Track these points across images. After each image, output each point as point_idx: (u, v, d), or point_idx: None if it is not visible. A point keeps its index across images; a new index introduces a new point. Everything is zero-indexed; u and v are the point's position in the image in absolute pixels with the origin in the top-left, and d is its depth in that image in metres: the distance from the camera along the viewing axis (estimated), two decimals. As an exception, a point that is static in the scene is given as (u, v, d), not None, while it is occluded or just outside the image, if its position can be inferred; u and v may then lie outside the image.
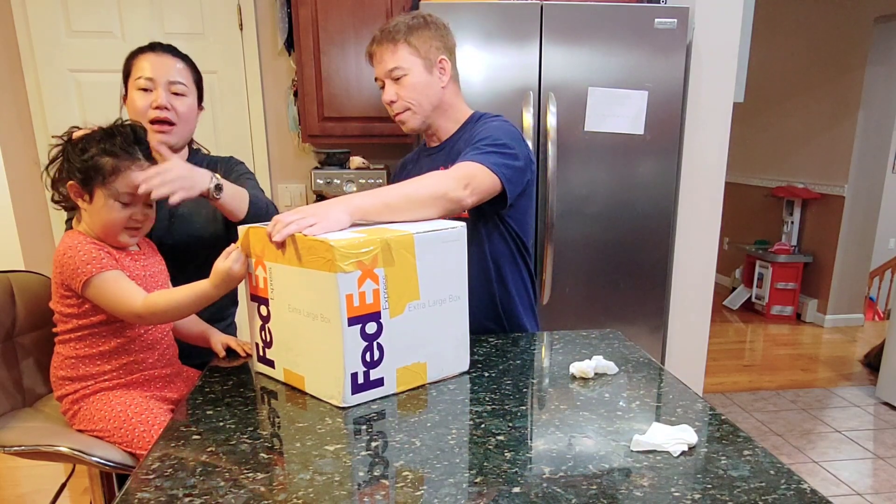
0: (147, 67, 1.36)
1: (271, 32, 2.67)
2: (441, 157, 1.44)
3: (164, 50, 1.40)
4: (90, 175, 1.14)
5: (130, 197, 1.17)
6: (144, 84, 1.36)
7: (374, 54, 1.39)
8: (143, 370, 1.26)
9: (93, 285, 1.14)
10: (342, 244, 0.95)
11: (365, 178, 2.40)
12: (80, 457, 1.17)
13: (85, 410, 1.22)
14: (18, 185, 2.61)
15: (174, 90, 1.38)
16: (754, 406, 3.10)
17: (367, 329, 1.00)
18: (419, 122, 1.42)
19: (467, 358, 1.17)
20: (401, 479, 0.79)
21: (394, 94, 1.38)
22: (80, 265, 1.14)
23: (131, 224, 1.19)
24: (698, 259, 2.47)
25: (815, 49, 4.43)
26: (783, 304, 4.56)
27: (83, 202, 1.18)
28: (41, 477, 2.41)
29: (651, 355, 1.26)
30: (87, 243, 1.17)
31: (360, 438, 0.91)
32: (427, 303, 1.07)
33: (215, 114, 2.70)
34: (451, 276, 1.10)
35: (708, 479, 0.78)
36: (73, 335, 1.22)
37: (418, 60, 1.36)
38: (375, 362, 1.02)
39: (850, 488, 2.36)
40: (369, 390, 1.03)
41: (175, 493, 0.77)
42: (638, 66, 2.16)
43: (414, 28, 1.35)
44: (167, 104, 1.36)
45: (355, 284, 0.97)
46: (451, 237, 1.09)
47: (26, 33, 2.48)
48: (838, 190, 4.24)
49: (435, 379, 1.12)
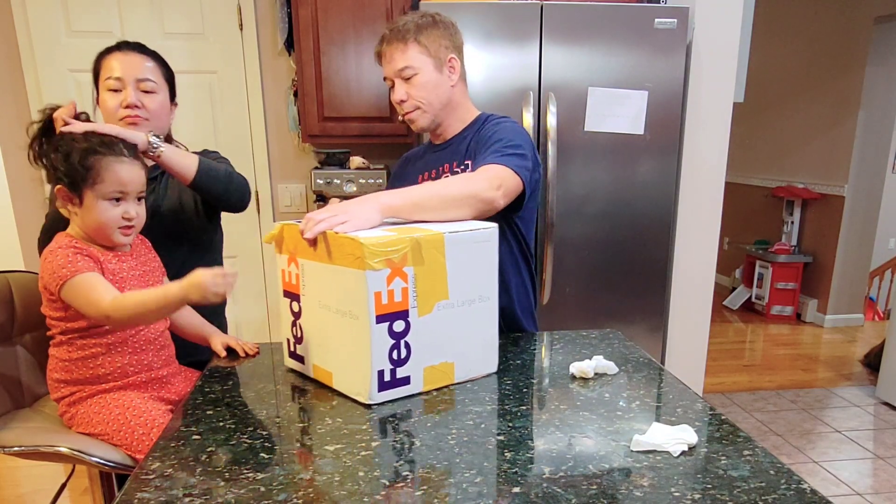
0: (115, 67, 1.35)
1: (271, 32, 2.67)
2: (447, 155, 1.45)
3: (131, 48, 1.39)
4: (77, 178, 1.14)
5: (120, 194, 1.17)
6: (114, 84, 1.35)
7: (384, 54, 1.38)
8: (139, 372, 1.26)
9: (66, 288, 1.13)
10: (372, 242, 0.95)
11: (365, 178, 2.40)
12: (80, 457, 1.17)
13: (83, 413, 1.22)
14: (18, 185, 2.60)
15: (143, 88, 1.37)
16: (754, 406, 3.10)
17: (394, 327, 1.01)
18: (429, 121, 1.42)
19: (496, 359, 1.17)
20: (400, 479, 0.79)
21: (404, 94, 1.38)
22: (56, 269, 1.13)
23: (123, 223, 1.19)
24: (698, 259, 2.47)
25: (815, 49, 4.43)
26: (783, 304, 4.56)
27: (73, 206, 1.18)
28: (41, 477, 2.41)
29: (651, 355, 1.26)
30: (68, 247, 1.16)
31: (361, 439, 0.91)
32: (456, 303, 1.07)
33: (215, 114, 2.70)
34: (481, 277, 1.10)
35: (708, 479, 0.78)
36: (63, 338, 1.22)
37: (428, 60, 1.36)
38: (402, 360, 1.03)
39: (850, 488, 2.36)
40: (396, 388, 1.04)
41: (175, 493, 0.77)
42: (638, 66, 2.16)
43: (423, 27, 1.35)
44: (137, 102, 1.35)
45: (384, 282, 0.98)
46: (483, 238, 1.09)
47: (26, 33, 2.48)
48: (838, 190, 4.24)
49: (462, 379, 1.12)
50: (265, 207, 2.82)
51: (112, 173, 1.15)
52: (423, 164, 1.51)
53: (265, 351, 1.33)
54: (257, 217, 2.83)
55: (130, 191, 1.18)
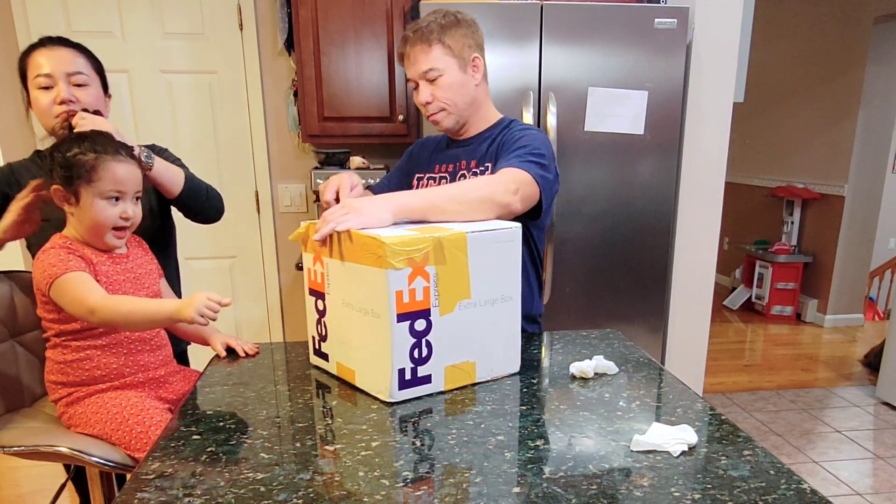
0: (43, 63, 1.31)
1: (271, 32, 2.67)
2: (466, 152, 1.44)
3: (55, 43, 1.34)
4: (73, 174, 1.14)
5: (118, 193, 1.17)
6: (44, 81, 1.31)
7: (409, 55, 1.37)
8: (136, 372, 1.26)
9: (55, 286, 1.13)
10: (394, 241, 0.96)
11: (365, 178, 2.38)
12: (80, 457, 1.17)
13: (80, 414, 1.22)
14: (18, 185, 2.61)
15: (75, 81, 1.33)
16: (754, 406, 3.10)
17: (416, 326, 1.01)
18: (454, 121, 1.42)
19: (518, 359, 1.17)
20: (400, 479, 0.79)
21: (429, 95, 1.37)
22: (46, 268, 1.14)
23: (120, 223, 1.19)
24: (698, 259, 2.47)
25: (815, 49, 4.43)
26: (783, 304, 4.56)
27: (70, 206, 1.18)
28: (41, 477, 2.41)
29: (651, 355, 1.26)
30: (61, 247, 1.16)
31: (361, 439, 0.91)
32: (478, 302, 1.07)
33: (215, 114, 2.70)
34: (503, 277, 1.10)
35: (708, 479, 0.78)
36: (58, 340, 1.22)
37: (453, 60, 1.35)
38: (424, 359, 1.04)
39: (850, 488, 2.36)
40: (416, 387, 1.04)
41: (175, 493, 0.77)
42: (638, 66, 2.16)
43: (447, 27, 1.34)
44: (70, 97, 1.32)
45: (405, 281, 0.98)
46: (505, 237, 1.09)
47: (26, 33, 2.48)
48: (838, 190, 4.24)
49: (484, 378, 1.12)
50: (265, 207, 2.82)
51: (109, 172, 1.15)
52: (443, 156, 1.50)
53: (265, 351, 1.33)
54: (257, 217, 2.83)
55: (128, 190, 1.19)
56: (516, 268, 1.12)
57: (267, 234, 2.84)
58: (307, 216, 2.83)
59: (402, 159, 1.63)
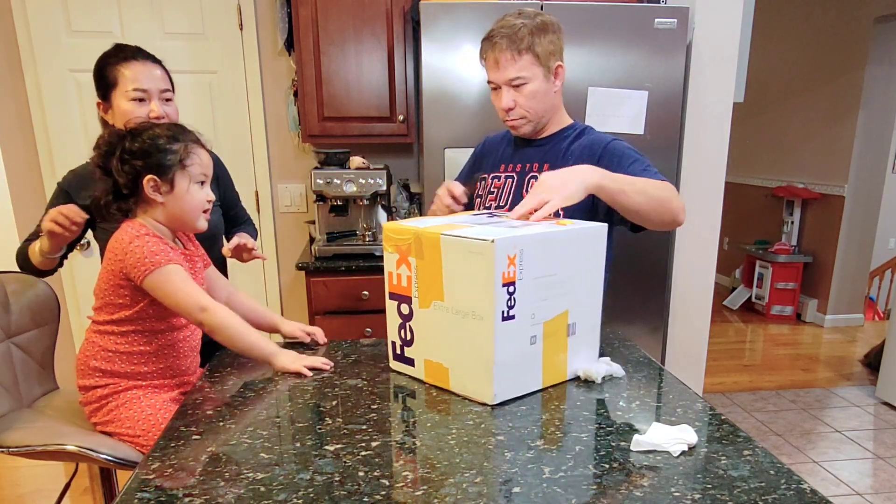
0: (141, 79, 1.39)
1: (271, 32, 2.67)
2: (539, 154, 1.44)
3: (147, 58, 1.43)
4: (167, 163, 1.16)
5: (204, 177, 1.21)
6: (140, 95, 1.39)
7: (498, 60, 1.34)
8: (176, 376, 1.27)
9: (155, 275, 1.13)
10: (391, 228, 1.08)
11: (365, 177, 2.39)
12: (88, 454, 1.17)
13: (114, 410, 1.22)
14: (18, 185, 2.60)
15: (165, 97, 1.43)
16: (754, 406, 3.10)
17: (401, 308, 1.12)
18: (532, 128, 1.42)
19: (491, 390, 1.00)
20: (400, 479, 0.79)
21: (511, 102, 1.36)
22: (147, 255, 1.13)
23: (207, 206, 1.23)
24: (698, 259, 2.47)
25: (815, 49, 4.43)
26: (783, 303, 4.56)
27: (162, 195, 1.18)
28: (41, 477, 2.41)
29: (651, 355, 1.26)
30: (152, 235, 1.17)
31: (361, 439, 0.91)
32: (450, 309, 1.03)
33: (215, 114, 2.70)
34: (476, 291, 0.98)
35: (708, 479, 0.78)
36: (116, 328, 1.21)
37: (539, 70, 1.34)
38: (409, 341, 1.13)
39: (850, 488, 2.36)
40: (404, 364, 1.15)
41: (175, 493, 0.77)
42: (638, 66, 2.16)
43: (536, 33, 1.32)
44: (163, 113, 1.41)
45: (394, 265, 1.10)
46: (478, 249, 0.96)
47: (26, 33, 2.48)
48: (838, 190, 4.24)
49: (457, 391, 1.06)
50: (265, 207, 2.82)
51: (198, 157, 1.20)
52: (513, 156, 1.49)
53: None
54: (257, 217, 2.83)
55: (210, 174, 1.23)
56: (490, 287, 0.95)
57: (267, 235, 2.84)
58: (307, 216, 2.83)
59: (472, 159, 1.64)
